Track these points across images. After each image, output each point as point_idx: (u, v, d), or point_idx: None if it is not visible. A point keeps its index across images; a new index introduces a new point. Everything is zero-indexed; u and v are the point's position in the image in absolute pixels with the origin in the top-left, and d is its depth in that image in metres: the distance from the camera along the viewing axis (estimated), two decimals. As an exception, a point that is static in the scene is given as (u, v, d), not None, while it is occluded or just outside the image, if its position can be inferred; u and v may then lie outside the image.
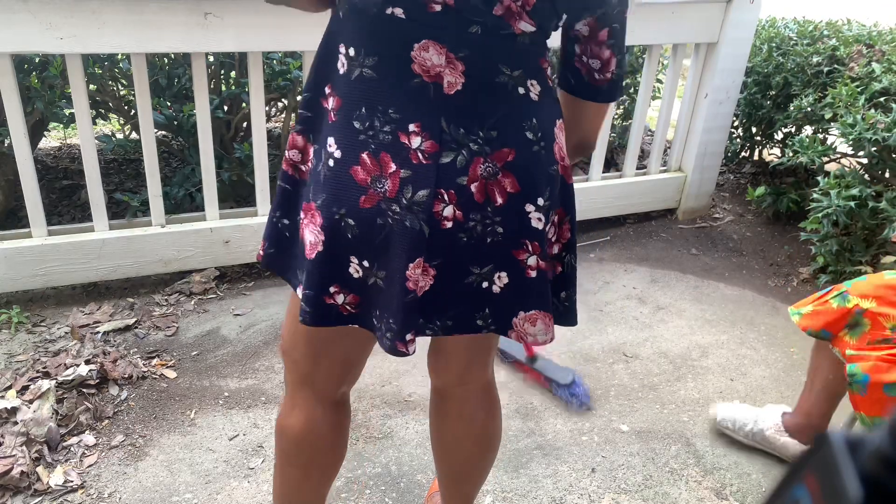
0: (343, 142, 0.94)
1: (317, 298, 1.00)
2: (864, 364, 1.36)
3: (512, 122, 0.95)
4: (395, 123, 0.92)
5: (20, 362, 1.98)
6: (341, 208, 0.95)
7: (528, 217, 0.98)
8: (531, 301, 1.04)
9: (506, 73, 0.94)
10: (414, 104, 0.92)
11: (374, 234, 0.96)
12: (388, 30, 0.90)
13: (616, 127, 3.50)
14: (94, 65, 2.55)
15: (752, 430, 1.79)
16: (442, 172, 0.93)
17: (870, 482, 0.26)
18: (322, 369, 1.15)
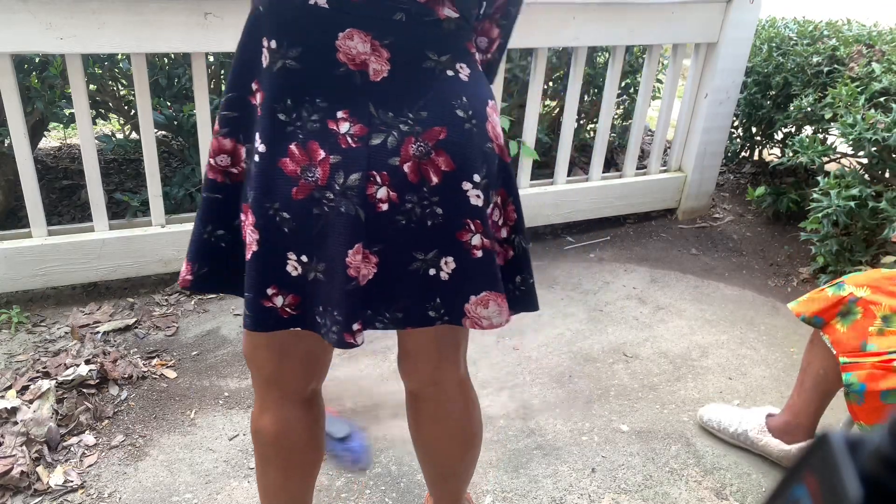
0: (268, 135, 0.93)
1: (255, 301, 0.98)
2: (859, 373, 1.36)
3: (441, 102, 0.94)
4: (322, 112, 0.92)
5: (20, 362, 1.98)
6: (274, 202, 0.94)
7: (467, 195, 0.97)
8: (480, 282, 1.02)
9: (433, 58, 0.94)
10: (341, 92, 0.91)
11: (311, 225, 0.94)
12: (311, 20, 0.89)
13: (616, 127, 3.50)
14: (94, 65, 2.55)
15: (736, 431, 1.80)
16: (372, 154, 0.92)
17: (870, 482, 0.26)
18: (286, 369, 1.13)
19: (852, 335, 1.47)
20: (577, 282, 2.63)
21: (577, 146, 3.40)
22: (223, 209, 1.03)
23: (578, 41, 2.60)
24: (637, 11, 2.64)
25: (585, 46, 2.67)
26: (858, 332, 1.46)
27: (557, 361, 2.15)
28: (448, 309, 1.03)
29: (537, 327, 2.32)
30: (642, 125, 3.00)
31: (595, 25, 2.59)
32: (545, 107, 3.34)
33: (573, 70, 2.72)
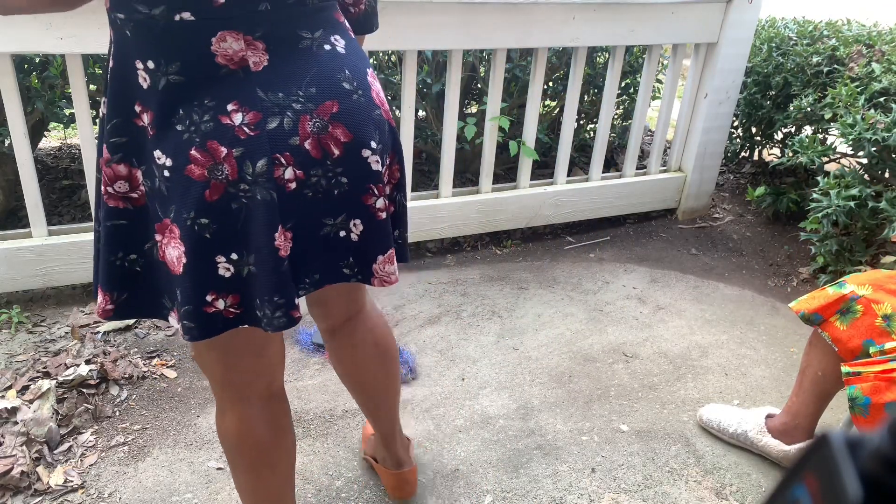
0: (170, 148, 0.95)
1: (196, 311, 1.00)
2: (863, 385, 1.36)
3: (327, 77, 0.98)
4: (212, 110, 0.93)
5: (20, 362, 1.98)
6: (190, 212, 0.95)
7: (367, 161, 1.03)
8: (386, 242, 1.11)
9: (307, 36, 0.97)
10: (227, 88, 0.93)
11: (233, 221, 0.97)
12: (181, 34, 0.91)
13: (616, 127, 3.50)
14: (95, 65, 2.55)
15: (735, 431, 1.80)
16: (272, 138, 0.95)
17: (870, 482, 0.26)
18: (235, 369, 1.14)
19: (852, 333, 1.47)
20: (577, 282, 2.63)
21: (577, 146, 3.40)
22: (130, 234, 1.03)
23: (578, 41, 2.61)
24: (637, 11, 2.64)
25: (585, 46, 2.67)
26: (858, 330, 1.46)
27: (557, 361, 2.15)
28: (360, 267, 1.12)
29: (537, 327, 2.33)
30: (642, 125, 3.00)
31: (595, 25, 2.59)
32: (545, 107, 3.34)
33: (573, 70, 2.72)
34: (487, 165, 2.73)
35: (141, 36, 0.93)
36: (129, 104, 0.97)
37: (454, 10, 2.35)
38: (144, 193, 1.01)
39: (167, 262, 1.01)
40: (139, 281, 1.05)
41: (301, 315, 1.03)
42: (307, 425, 1.84)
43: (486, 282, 2.59)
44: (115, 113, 0.99)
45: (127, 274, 1.05)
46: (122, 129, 0.99)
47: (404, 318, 2.32)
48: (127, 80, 0.97)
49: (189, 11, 0.90)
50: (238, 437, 1.17)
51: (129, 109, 0.98)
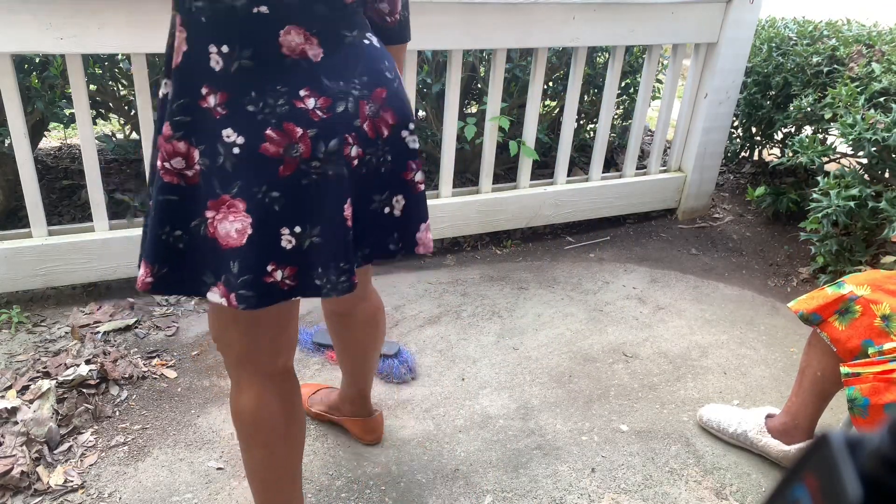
0: (242, 128, 1.04)
1: (257, 280, 1.07)
2: (862, 387, 1.36)
3: (373, 67, 1.13)
4: (286, 95, 1.04)
5: (20, 362, 1.98)
6: (262, 186, 1.05)
7: (406, 141, 1.19)
8: (425, 212, 1.26)
9: (348, 34, 1.11)
10: (295, 76, 1.05)
11: (301, 195, 1.07)
12: (256, 25, 1.03)
13: (616, 127, 3.50)
14: (95, 65, 2.55)
15: (735, 431, 1.80)
16: (341, 120, 1.08)
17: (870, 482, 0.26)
18: (257, 345, 1.20)
19: (851, 333, 1.47)
20: (577, 282, 2.63)
21: (577, 146, 3.40)
22: (180, 211, 1.10)
23: (578, 41, 2.61)
24: (637, 11, 2.64)
25: (585, 46, 2.67)
26: (857, 330, 1.46)
27: (557, 361, 2.15)
28: (404, 240, 1.24)
29: (537, 327, 2.33)
30: (642, 125, 3.00)
31: (595, 25, 2.59)
32: (545, 107, 3.34)
33: (573, 70, 2.73)
34: (487, 165, 2.73)
35: (219, 23, 1.03)
36: (197, 86, 1.05)
37: (454, 10, 2.35)
38: (199, 172, 1.08)
39: (218, 238, 1.07)
40: (181, 258, 1.11)
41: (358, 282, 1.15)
42: (307, 425, 1.84)
43: (486, 282, 2.59)
44: (181, 93, 1.06)
45: (171, 249, 1.11)
46: (187, 109, 1.06)
47: (404, 318, 2.32)
48: (197, 62, 1.05)
49: (266, 6, 1.02)
50: (256, 414, 1.22)
51: (196, 91, 1.05)
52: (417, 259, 2.72)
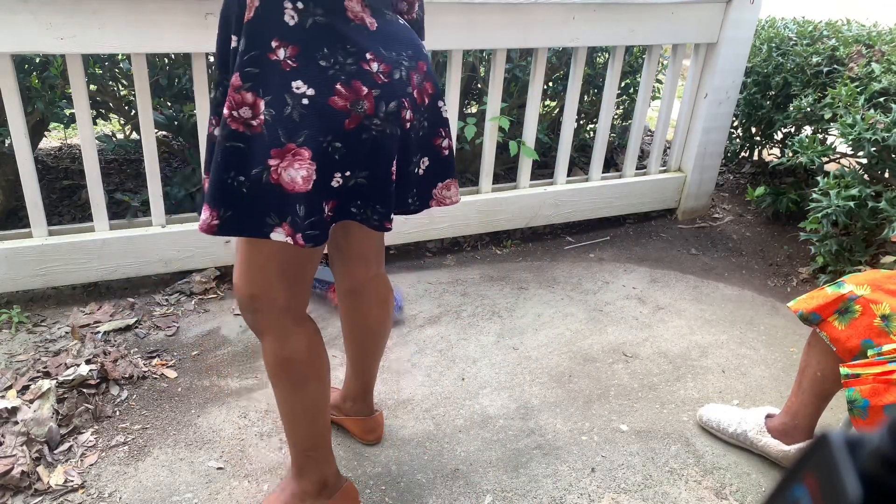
0: (313, 81, 1.13)
1: (320, 220, 1.18)
2: (862, 388, 1.36)
3: (415, 42, 1.25)
4: (354, 56, 1.14)
5: (20, 362, 1.98)
6: (327, 136, 1.14)
7: (441, 110, 1.33)
8: (445, 172, 1.38)
9: (388, 13, 1.23)
10: (360, 39, 1.15)
11: (358, 147, 1.17)
12: None
13: (616, 127, 3.50)
14: (95, 65, 2.55)
15: (735, 431, 1.80)
16: (399, 86, 1.19)
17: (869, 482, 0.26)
18: (298, 293, 1.32)
19: (850, 333, 1.47)
20: (577, 282, 2.63)
21: (577, 146, 3.40)
22: (243, 157, 1.16)
23: (578, 41, 2.61)
24: (637, 11, 2.64)
25: (585, 46, 2.67)
26: (856, 330, 1.47)
27: (557, 361, 2.16)
28: (420, 197, 1.36)
29: (537, 327, 2.33)
30: (642, 125, 3.00)
31: (595, 25, 2.59)
32: (545, 107, 3.34)
33: (573, 70, 2.73)
34: (487, 165, 2.73)
35: None
36: (267, 40, 1.13)
37: (454, 10, 2.35)
38: (263, 122, 1.15)
39: (283, 184, 1.15)
40: (244, 200, 1.18)
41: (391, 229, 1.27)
42: (307, 425, 1.84)
43: (486, 282, 2.59)
44: (251, 46, 1.13)
45: (235, 193, 1.17)
46: (257, 60, 1.13)
47: (404, 318, 2.32)
48: (270, 17, 1.12)
49: None
50: (308, 354, 1.35)
51: (266, 44, 1.13)
52: (418, 259, 2.72)
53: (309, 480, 1.47)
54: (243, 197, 1.17)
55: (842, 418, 1.86)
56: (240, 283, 1.30)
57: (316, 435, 1.45)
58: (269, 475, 1.68)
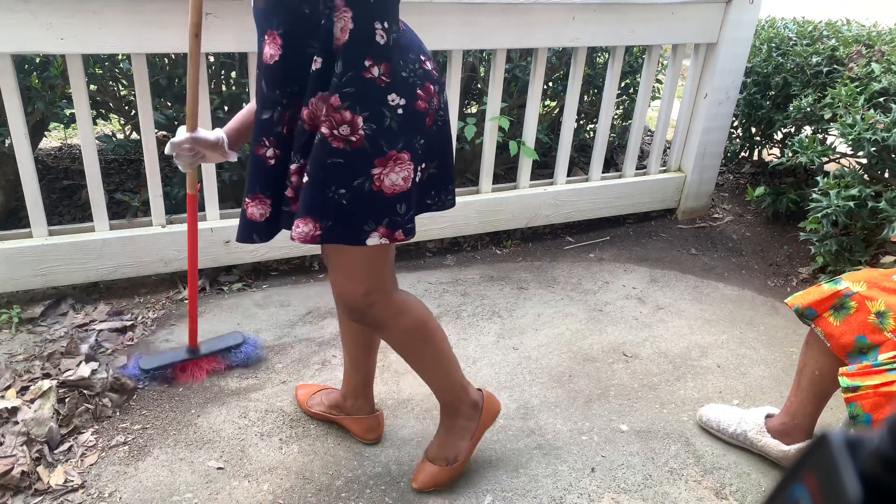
0: (402, 91, 1.27)
1: (414, 214, 1.37)
2: (863, 403, 1.36)
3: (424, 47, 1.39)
4: (419, 61, 1.31)
5: (20, 362, 1.98)
6: (420, 138, 1.30)
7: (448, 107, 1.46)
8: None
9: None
10: (414, 44, 1.33)
11: (434, 140, 1.36)
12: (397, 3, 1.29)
13: (616, 127, 3.50)
14: (95, 65, 2.55)
15: (735, 431, 1.80)
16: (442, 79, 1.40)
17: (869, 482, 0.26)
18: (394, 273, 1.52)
19: (845, 329, 1.48)
20: (577, 282, 2.63)
21: (577, 146, 3.40)
22: (343, 171, 1.26)
23: (578, 41, 2.61)
24: (637, 11, 2.64)
25: (585, 46, 2.67)
26: (851, 326, 1.47)
27: (557, 361, 2.16)
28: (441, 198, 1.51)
29: (537, 327, 2.33)
30: (642, 125, 3.00)
31: (595, 25, 2.59)
32: (545, 107, 3.34)
33: (573, 70, 2.73)
34: (487, 165, 2.73)
35: (382, 3, 1.24)
36: (361, 60, 1.23)
37: (454, 10, 2.35)
38: (364, 136, 1.25)
39: (384, 189, 1.28)
40: (343, 211, 1.28)
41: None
42: (307, 425, 1.84)
43: (486, 282, 2.59)
44: (348, 67, 1.23)
45: (335, 205, 1.27)
46: (353, 81, 1.23)
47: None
48: (364, 38, 1.23)
49: None
50: (425, 312, 1.54)
51: (360, 64, 1.23)
52: (418, 259, 2.72)
53: (463, 409, 1.65)
54: (343, 208, 1.27)
55: (842, 418, 1.86)
56: (349, 286, 1.42)
57: (451, 370, 1.62)
58: (269, 475, 1.68)
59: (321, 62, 1.22)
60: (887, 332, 1.42)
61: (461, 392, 1.65)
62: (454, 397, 1.64)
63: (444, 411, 1.66)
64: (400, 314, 1.49)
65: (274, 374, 2.03)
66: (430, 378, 1.61)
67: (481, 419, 1.68)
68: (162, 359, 1.98)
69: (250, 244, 1.42)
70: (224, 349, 2.04)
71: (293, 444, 1.78)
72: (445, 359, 1.60)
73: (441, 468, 1.64)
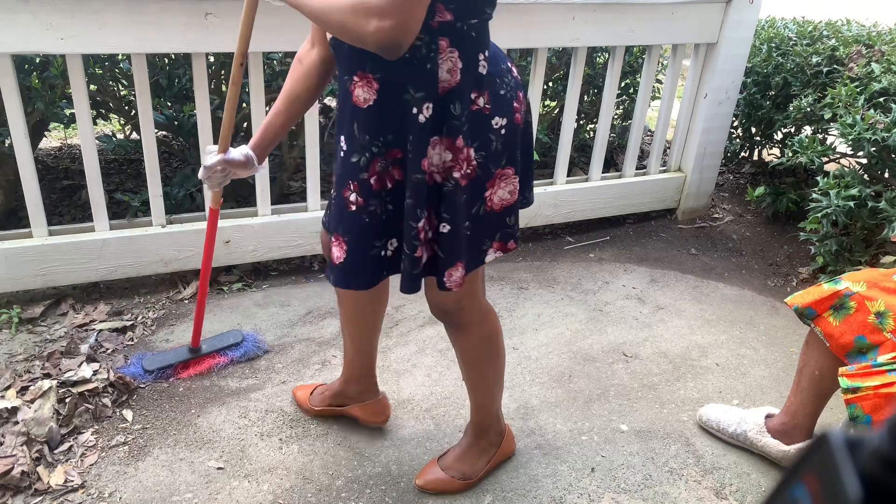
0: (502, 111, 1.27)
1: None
2: (864, 404, 1.36)
3: None
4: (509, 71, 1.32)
5: (20, 362, 1.98)
6: (517, 150, 1.33)
7: None
8: None
9: None
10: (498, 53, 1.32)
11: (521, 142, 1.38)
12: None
13: (616, 127, 3.50)
14: (95, 65, 2.55)
15: (735, 431, 1.80)
16: None
17: (870, 482, 0.26)
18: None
19: (844, 329, 1.48)
20: (577, 282, 2.63)
21: (577, 146, 3.40)
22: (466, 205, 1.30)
23: (578, 41, 2.61)
24: (637, 11, 2.64)
25: (585, 46, 2.67)
26: (850, 326, 1.47)
27: (557, 361, 2.16)
28: None
29: (537, 327, 2.33)
30: (642, 125, 3.00)
31: (595, 25, 2.59)
32: (545, 107, 3.34)
33: (573, 70, 2.73)
34: (487, 165, 2.73)
35: (482, 33, 1.23)
36: (468, 93, 1.22)
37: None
38: (477, 165, 1.27)
39: (494, 207, 1.32)
40: (469, 241, 1.33)
41: None
42: (307, 425, 1.84)
43: (486, 282, 2.59)
44: (462, 105, 1.22)
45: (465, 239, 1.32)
46: (465, 116, 1.23)
47: (404, 318, 2.32)
48: (470, 73, 1.21)
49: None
50: (499, 325, 1.56)
51: (468, 98, 1.23)
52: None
53: (492, 433, 1.69)
54: (468, 240, 1.33)
55: (842, 418, 1.86)
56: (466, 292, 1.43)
57: (499, 394, 1.66)
58: (269, 475, 1.68)
59: (431, 108, 1.19)
60: (887, 333, 1.42)
61: (497, 417, 1.69)
62: (491, 419, 1.67)
63: (474, 429, 1.68)
64: (484, 320, 1.52)
65: (274, 374, 2.03)
66: (482, 394, 1.62)
67: (499, 450, 1.70)
68: (165, 358, 1.99)
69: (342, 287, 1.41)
70: (224, 347, 2.06)
71: (293, 444, 1.78)
72: (501, 380, 1.64)
73: (452, 479, 1.65)
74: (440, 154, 1.23)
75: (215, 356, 2.04)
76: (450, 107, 1.20)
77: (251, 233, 2.42)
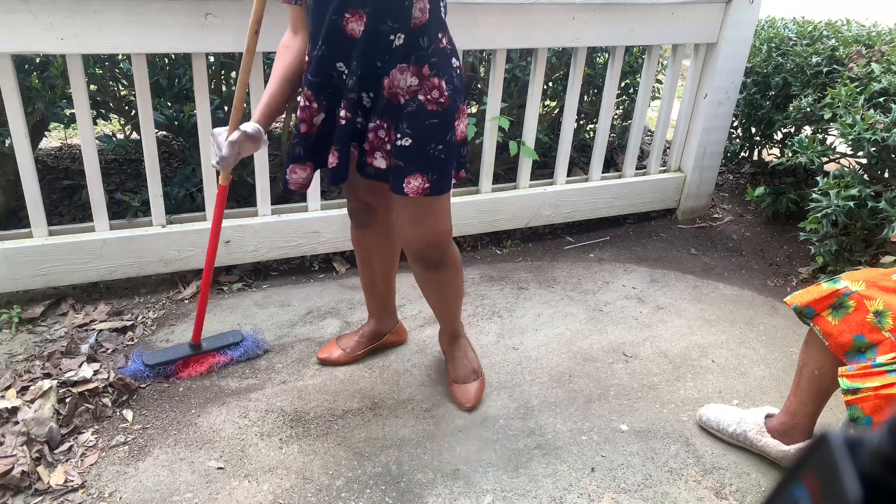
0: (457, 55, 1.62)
1: None
2: (864, 405, 1.36)
3: None
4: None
5: (20, 362, 1.98)
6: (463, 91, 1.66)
7: None
8: None
9: None
10: None
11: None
12: None
13: (616, 127, 3.50)
14: (95, 65, 2.55)
15: (735, 431, 1.80)
16: None
17: (869, 482, 0.26)
18: None
19: (843, 328, 1.48)
20: (577, 282, 2.63)
21: (577, 146, 3.40)
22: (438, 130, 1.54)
23: (578, 41, 2.61)
24: (637, 11, 2.64)
25: (585, 46, 2.67)
26: (849, 325, 1.47)
27: (557, 361, 2.16)
28: None
29: (537, 327, 2.33)
30: (642, 125, 3.00)
31: (595, 25, 2.59)
32: (545, 107, 3.34)
33: (573, 70, 2.73)
34: (487, 165, 2.73)
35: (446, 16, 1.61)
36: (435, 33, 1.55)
37: (454, 10, 2.33)
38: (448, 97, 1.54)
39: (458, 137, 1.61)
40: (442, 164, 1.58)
41: None
42: (307, 425, 1.84)
43: (486, 282, 2.59)
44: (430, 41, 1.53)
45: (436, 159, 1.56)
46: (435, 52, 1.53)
47: (404, 318, 2.32)
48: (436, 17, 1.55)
49: None
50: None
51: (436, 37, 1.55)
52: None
53: (461, 331, 2.01)
54: (442, 161, 1.54)
55: (842, 418, 1.86)
56: (442, 227, 1.67)
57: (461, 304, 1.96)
58: (269, 475, 1.68)
59: (403, 38, 1.47)
60: (885, 332, 1.42)
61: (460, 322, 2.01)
62: (458, 326, 1.98)
63: (451, 340, 1.98)
64: (455, 256, 1.78)
65: (274, 374, 2.03)
66: (453, 312, 1.91)
67: None
68: (165, 354, 1.99)
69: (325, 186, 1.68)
70: (225, 346, 2.06)
71: (293, 444, 1.78)
72: (462, 296, 1.93)
73: (479, 381, 1.96)
74: (407, 79, 1.49)
75: (215, 355, 2.04)
76: (419, 40, 1.49)
77: (251, 233, 2.42)
